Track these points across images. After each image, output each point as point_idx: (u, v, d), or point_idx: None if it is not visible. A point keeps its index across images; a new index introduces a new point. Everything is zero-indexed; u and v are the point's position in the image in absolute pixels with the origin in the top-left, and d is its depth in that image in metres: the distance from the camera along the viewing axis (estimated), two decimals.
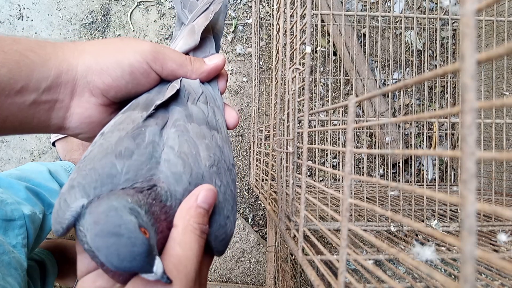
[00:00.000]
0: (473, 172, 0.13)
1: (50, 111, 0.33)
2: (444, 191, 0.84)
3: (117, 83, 0.34)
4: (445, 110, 0.16)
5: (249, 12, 1.04)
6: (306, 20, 0.35)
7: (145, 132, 0.31)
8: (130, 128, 0.31)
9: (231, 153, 0.38)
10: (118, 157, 0.29)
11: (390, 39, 0.90)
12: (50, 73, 0.32)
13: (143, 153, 0.29)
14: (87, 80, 0.34)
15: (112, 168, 0.28)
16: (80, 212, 0.27)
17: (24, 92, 0.31)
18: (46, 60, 0.32)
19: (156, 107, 0.33)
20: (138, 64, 0.34)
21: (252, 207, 1.02)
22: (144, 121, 0.32)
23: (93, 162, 0.29)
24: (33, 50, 0.32)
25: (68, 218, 0.27)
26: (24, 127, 0.33)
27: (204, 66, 0.38)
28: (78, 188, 0.28)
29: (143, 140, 0.30)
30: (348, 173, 0.25)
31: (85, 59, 0.33)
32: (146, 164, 0.29)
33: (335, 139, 1.00)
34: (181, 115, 0.34)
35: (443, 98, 1.03)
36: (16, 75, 0.30)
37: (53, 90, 0.33)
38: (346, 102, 0.25)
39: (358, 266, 0.35)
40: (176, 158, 0.30)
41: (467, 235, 0.13)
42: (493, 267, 0.44)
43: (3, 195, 0.64)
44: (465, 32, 0.13)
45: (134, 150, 0.29)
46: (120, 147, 0.29)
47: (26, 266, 0.60)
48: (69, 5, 1.01)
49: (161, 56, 0.35)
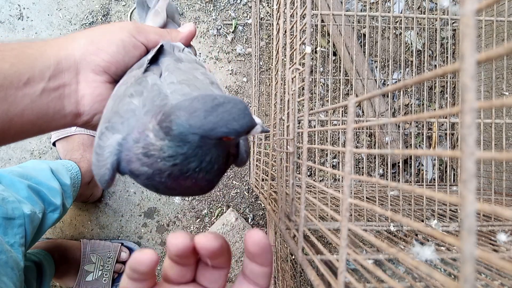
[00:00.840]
0: (472, 172, 0.13)
1: (61, 98, 0.35)
2: (443, 191, 0.84)
3: (115, 58, 0.37)
4: (445, 110, 0.16)
5: (249, 12, 1.04)
6: (306, 20, 0.35)
7: (147, 79, 0.34)
8: (133, 80, 0.34)
9: None
10: (131, 97, 0.31)
11: (390, 39, 0.90)
12: (50, 62, 0.34)
13: (151, 90, 0.32)
14: (87, 61, 0.36)
15: (131, 104, 0.31)
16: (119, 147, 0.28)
17: (32, 82, 0.33)
18: (43, 51, 0.34)
19: (149, 63, 0.37)
20: (127, 38, 0.38)
21: (252, 207, 1.02)
22: (143, 73, 0.35)
23: (111, 110, 0.32)
24: (28, 46, 0.34)
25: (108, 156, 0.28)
26: (41, 121, 0.34)
27: (180, 33, 0.44)
28: (107, 131, 0.30)
29: (147, 84, 0.33)
30: (348, 173, 0.25)
31: (79, 44, 0.36)
32: (157, 97, 0.31)
33: (335, 139, 1.00)
34: (170, 61, 0.38)
35: (442, 98, 1.03)
36: (20, 68, 0.32)
37: (58, 76, 0.34)
38: (346, 102, 0.25)
39: (358, 266, 0.35)
40: (180, 86, 0.33)
41: (466, 235, 0.13)
42: (493, 267, 0.44)
43: (5, 193, 0.64)
44: (465, 32, 0.13)
45: (143, 90, 0.32)
46: (130, 91, 0.32)
47: (23, 265, 0.60)
48: (69, 5, 1.01)
49: (142, 30, 0.40)
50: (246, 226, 0.99)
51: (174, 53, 0.40)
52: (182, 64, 0.38)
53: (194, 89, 0.33)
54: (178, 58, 0.39)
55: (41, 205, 0.71)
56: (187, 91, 0.32)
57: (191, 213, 1.01)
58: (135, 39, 0.39)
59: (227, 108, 0.24)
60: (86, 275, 0.88)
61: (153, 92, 0.32)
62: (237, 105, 0.25)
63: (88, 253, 0.90)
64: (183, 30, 0.45)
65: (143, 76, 0.35)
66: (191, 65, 0.38)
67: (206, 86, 0.34)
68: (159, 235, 1.00)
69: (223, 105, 0.24)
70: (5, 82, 0.31)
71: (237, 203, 1.02)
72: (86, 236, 0.98)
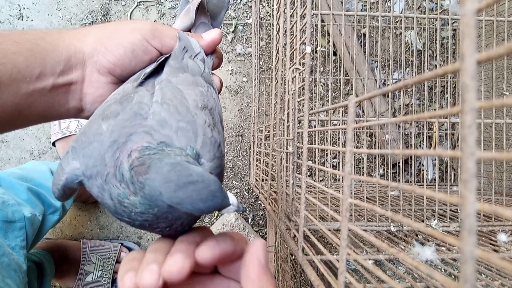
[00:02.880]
0: (473, 172, 0.13)
1: (67, 93, 0.35)
2: (444, 191, 0.84)
3: (121, 61, 0.36)
4: (445, 110, 0.16)
5: (249, 12, 1.04)
6: (306, 20, 0.35)
7: (134, 97, 0.32)
8: (119, 97, 0.33)
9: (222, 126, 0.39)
10: (104, 119, 0.31)
11: (390, 39, 0.90)
12: (62, 57, 0.34)
13: (127, 112, 0.31)
14: (94, 60, 0.35)
15: (99, 129, 0.30)
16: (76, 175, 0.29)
17: (43, 77, 0.33)
18: (56, 45, 0.34)
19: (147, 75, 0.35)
20: (138, 42, 0.36)
21: (252, 207, 1.02)
22: (135, 88, 0.34)
23: (84, 128, 0.31)
24: (42, 38, 0.33)
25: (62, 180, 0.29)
26: (47, 113, 0.35)
27: (201, 40, 0.40)
28: (71, 151, 0.30)
29: (130, 102, 0.32)
30: (348, 173, 0.25)
31: (90, 41, 0.35)
32: (130, 121, 0.30)
33: (335, 139, 1.00)
34: (170, 69, 0.36)
35: (443, 98, 1.02)
36: (32, 62, 0.32)
37: (68, 72, 0.35)
38: (346, 102, 0.25)
39: (358, 266, 0.35)
40: (160, 107, 0.31)
41: (467, 235, 0.13)
42: (493, 267, 0.44)
43: (5, 196, 0.64)
44: (465, 32, 0.13)
45: (120, 112, 0.31)
46: (107, 111, 0.31)
47: (25, 268, 0.60)
48: (69, 5, 1.01)
49: (158, 33, 0.37)
50: (246, 226, 0.99)
51: (180, 59, 0.37)
52: (181, 76, 0.35)
53: (174, 114, 0.31)
54: (182, 66, 0.36)
55: (41, 207, 0.71)
56: (164, 116, 0.31)
57: None
58: (147, 43, 0.36)
59: (197, 188, 0.24)
60: (86, 275, 0.88)
61: (128, 114, 0.31)
62: (209, 186, 0.25)
63: (88, 253, 0.90)
64: (206, 37, 0.41)
65: (132, 92, 0.33)
66: (191, 78, 0.35)
67: (191, 111, 0.32)
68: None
69: (194, 184, 0.24)
70: (18, 76, 0.31)
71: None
72: (85, 236, 0.98)
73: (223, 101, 1.03)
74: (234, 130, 1.03)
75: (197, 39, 0.40)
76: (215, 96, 0.37)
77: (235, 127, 1.03)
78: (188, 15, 0.42)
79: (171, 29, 0.38)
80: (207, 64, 0.39)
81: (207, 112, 0.33)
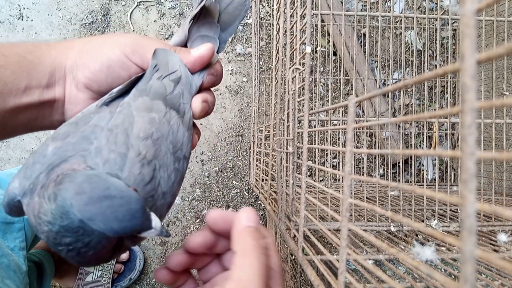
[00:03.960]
0: (473, 172, 0.13)
1: (51, 108, 0.35)
2: (444, 191, 0.84)
3: (96, 77, 0.34)
4: (445, 110, 0.16)
5: (249, 12, 1.04)
6: (306, 20, 0.35)
7: (93, 118, 0.32)
8: (80, 116, 0.32)
9: (189, 144, 0.36)
10: (53, 140, 0.30)
11: (390, 39, 0.90)
12: (46, 71, 0.34)
13: (76, 135, 0.30)
14: (73, 75, 0.35)
15: (44, 150, 0.30)
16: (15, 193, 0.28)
17: (29, 91, 0.33)
18: (42, 59, 0.34)
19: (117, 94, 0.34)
20: (116, 57, 0.34)
21: (252, 207, 1.03)
22: (99, 108, 0.33)
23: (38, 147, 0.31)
24: (30, 52, 0.33)
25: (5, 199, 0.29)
26: (32, 124, 0.35)
27: (187, 56, 0.36)
28: (20, 170, 0.30)
29: (85, 124, 0.31)
30: (348, 173, 0.25)
31: (72, 55, 0.35)
32: (74, 145, 0.29)
33: (335, 139, 1.00)
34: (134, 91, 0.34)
35: (443, 98, 1.03)
36: (19, 75, 0.32)
37: (51, 87, 0.34)
38: (346, 102, 0.25)
39: (358, 266, 0.35)
40: (105, 133, 0.30)
41: (467, 235, 0.13)
42: (493, 267, 0.44)
43: (3, 197, 0.64)
44: (465, 32, 0.13)
45: (70, 133, 0.30)
46: (59, 131, 0.31)
47: (25, 269, 0.60)
48: (69, 5, 1.01)
49: (139, 48, 0.35)
50: None
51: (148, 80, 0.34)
52: (139, 100, 0.33)
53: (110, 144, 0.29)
54: (145, 88, 0.34)
55: None
56: (101, 144, 0.29)
57: (191, 213, 1.00)
58: (126, 58, 0.34)
59: (114, 204, 0.22)
60: (86, 275, 0.88)
61: (76, 137, 0.29)
62: (128, 204, 0.22)
63: None
64: (193, 53, 0.36)
65: (94, 112, 0.32)
66: (148, 103, 0.33)
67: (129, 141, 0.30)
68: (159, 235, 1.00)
69: (111, 199, 0.22)
70: (5, 89, 0.31)
71: (237, 203, 1.02)
72: None
73: (223, 101, 1.03)
74: (234, 130, 1.03)
75: (182, 55, 0.36)
76: (174, 122, 0.33)
77: (235, 127, 1.03)
78: (182, 28, 0.38)
79: (157, 44, 0.36)
80: (186, 84, 0.36)
81: (148, 143, 0.30)
